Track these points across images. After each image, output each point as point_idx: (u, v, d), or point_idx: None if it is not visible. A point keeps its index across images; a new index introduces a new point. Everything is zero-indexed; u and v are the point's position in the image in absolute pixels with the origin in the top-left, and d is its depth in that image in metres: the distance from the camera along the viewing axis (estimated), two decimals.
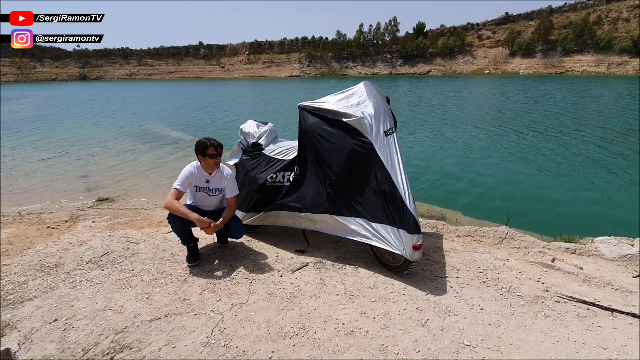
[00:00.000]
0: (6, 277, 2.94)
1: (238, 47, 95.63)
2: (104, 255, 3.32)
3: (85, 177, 8.16)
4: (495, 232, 3.80)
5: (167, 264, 3.15)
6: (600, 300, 2.60)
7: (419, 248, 2.64)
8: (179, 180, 2.93)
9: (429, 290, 2.74)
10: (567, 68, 65.58)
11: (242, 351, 2.14)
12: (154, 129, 15.17)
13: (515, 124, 13.95)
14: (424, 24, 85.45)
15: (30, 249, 3.51)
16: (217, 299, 2.64)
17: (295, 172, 3.18)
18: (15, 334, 2.27)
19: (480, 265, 3.11)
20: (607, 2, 70.00)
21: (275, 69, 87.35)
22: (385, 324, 2.36)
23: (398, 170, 2.75)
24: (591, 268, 3.10)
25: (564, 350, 2.14)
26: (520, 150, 9.91)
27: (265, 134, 3.65)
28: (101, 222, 4.32)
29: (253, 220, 3.48)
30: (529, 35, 73.17)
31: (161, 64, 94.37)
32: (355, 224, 2.92)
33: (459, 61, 78.04)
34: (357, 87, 3.19)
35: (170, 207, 2.85)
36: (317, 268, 3.08)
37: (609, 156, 9.08)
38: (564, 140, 11.02)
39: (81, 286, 2.82)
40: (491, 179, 7.53)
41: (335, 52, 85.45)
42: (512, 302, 2.59)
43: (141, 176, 8.22)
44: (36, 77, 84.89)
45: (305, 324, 2.36)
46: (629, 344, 2.18)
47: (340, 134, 2.94)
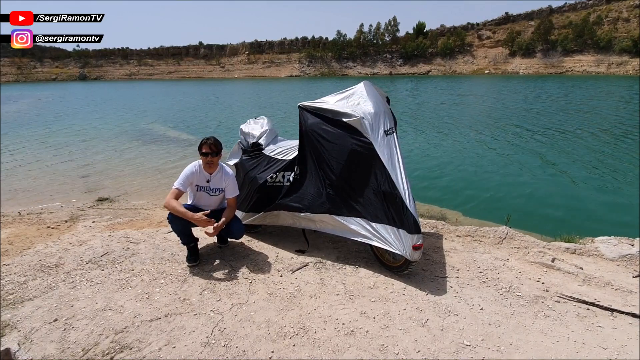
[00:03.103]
0: (6, 277, 2.94)
1: (238, 47, 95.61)
2: (104, 255, 3.32)
3: (85, 177, 8.16)
4: (495, 232, 3.80)
5: (167, 264, 3.15)
6: (600, 300, 2.60)
7: (419, 248, 2.64)
8: (180, 179, 2.93)
9: (429, 290, 2.74)
10: (567, 68, 65.59)
11: (242, 351, 2.14)
12: (154, 129, 15.17)
13: (515, 124, 13.95)
14: (424, 24, 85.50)
15: (30, 249, 3.51)
16: (217, 299, 2.64)
17: (295, 172, 3.18)
18: (15, 334, 2.27)
19: (480, 265, 3.11)
20: (607, 2, 70.00)
21: (275, 69, 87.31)
22: (385, 324, 2.36)
23: (398, 170, 2.75)
24: (591, 268, 3.10)
25: (564, 350, 2.14)
26: (520, 150, 9.91)
27: (265, 134, 3.65)
28: (101, 222, 4.33)
29: (253, 220, 3.48)
30: (529, 35, 73.17)
31: (161, 64, 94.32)
32: (356, 224, 2.92)
33: (459, 61, 78.03)
34: (357, 87, 3.20)
35: (169, 206, 2.85)
36: (317, 268, 3.09)
37: (608, 155, 9.08)
38: (564, 140, 11.02)
39: (81, 286, 2.82)
40: (491, 179, 7.52)
41: (335, 52, 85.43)
42: (512, 302, 2.59)
43: (141, 176, 8.22)
44: (36, 77, 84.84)
45: (305, 324, 2.36)
46: (629, 344, 2.18)
47: (340, 133, 2.94)
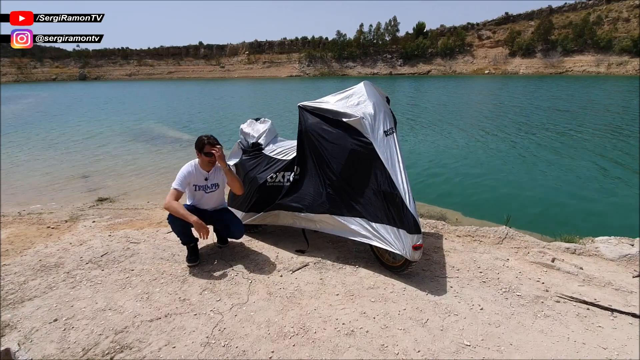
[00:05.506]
0: (6, 277, 2.94)
1: (238, 47, 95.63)
2: (104, 255, 3.32)
3: (85, 177, 8.16)
4: (495, 232, 3.80)
5: (167, 264, 3.15)
6: (600, 300, 2.60)
7: (419, 248, 2.64)
8: (177, 180, 2.91)
9: (429, 290, 2.74)
10: (567, 68, 65.63)
11: (242, 351, 2.14)
12: (155, 129, 15.17)
13: (515, 124, 13.94)
14: (424, 24, 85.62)
15: (30, 249, 3.51)
16: (217, 299, 2.64)
17: (295, 172, 3.17)
18: (15, 334, 2.27)
19: (480, 265, 3.11)
20: (607, 2, 70.05)
21: (275, 69, 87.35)
22: (385, 324, 2.36)
23: (398, 170, 2.75)
24: (591, 268, 3.10)
25: (564, 350, 2.13)
26: (520, 150, 9.91)
27: (265, 134, 3.64)
28: (101, 222, 4.32)
29: (253, 220, 3.48)
30: (529, 35, 73.23)
31: (161, 64, 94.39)
32: (356, 224, 2.92)
33: (459, 61, 78.05)
34: (357, 87, 3.20)
35: (170, 208, 2.83)
36: (317, 268, 3.08)
37: (609, 157, 9.08)
38: (565, 140, 11.02)
39: (81, 286, 2.82)
40: (491, 179, 7.52)
41: (335, 52, 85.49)
42: (512, 302, 2.59)
43: (141, 176, 8.22)
44: (36, 77, 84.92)
45: (305, 324, 2.36)
46: (629, 344, 2.18)
47: (340, 134, 2.93)
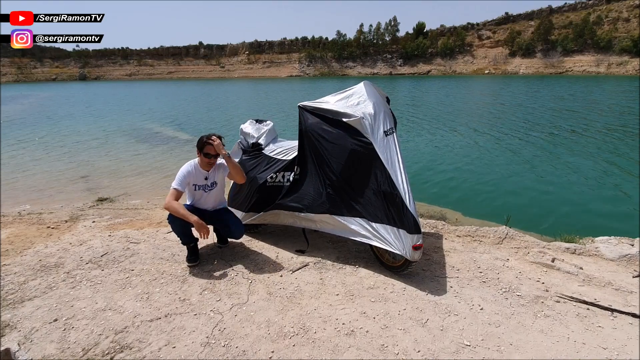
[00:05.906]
0: (6, 277, 2.94)
1: (238, 47, 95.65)
2: (104, 255, 3.32)
3: (85, 177, 8.16)
4: (495, 232, 3.80)
5: (167, 264, 3.15)
6: (600, 300, 2.60)
7: (419, 248, 2.64)
8: (177, 180, 2.91)
9: (429, 290, 2.74)
10: (567, 68, 65.64)
11: (242, 351, 2.14)
12: (154, 129, 15.17)
13: (515, 124, 13.94)
14: (424, 24, 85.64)
15: (30, 249, 3.51)
16: (217, 299, 2.64)
17: (295, 172, 3.18)
18: (15, 334, 2.27)
19: (480, 265, 3.11)
20: (607, 2, 70.07)
21: (275, 69, 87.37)
22: (385, 324, 2.36)
23: (398, 170, 2.75)
24: (591, 268, 3.10)
25: (564, 350, 2.13)
26: (520, 150, 9.90)
27: (265, 134, 3.64)
28: (101, 222, 4.32)
29: (253, 220, 3.48)
30: (529, 35, 73.25)
31: (161, 64, 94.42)
32: (356, 224, 2.92)
33: (459, 61, 78.06)
34: (357, 87, 3.20)
35: (170, 208, 2.83)
36: (317, 268, 3.08)
37: (609, 156, 9.08)
38: (565, 140, 11.02)
39: (81, 286, 2.82)
40: (491, 179, 7.52)
41: (335, 52, 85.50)
42: (512, 302, 2.59)
43: (141, 176, 8.22)
44: (36, 77, 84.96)
45: (305, 324, 2.36)
46: (629, 344, 2.18)
47: (340, 134, 2.93)
